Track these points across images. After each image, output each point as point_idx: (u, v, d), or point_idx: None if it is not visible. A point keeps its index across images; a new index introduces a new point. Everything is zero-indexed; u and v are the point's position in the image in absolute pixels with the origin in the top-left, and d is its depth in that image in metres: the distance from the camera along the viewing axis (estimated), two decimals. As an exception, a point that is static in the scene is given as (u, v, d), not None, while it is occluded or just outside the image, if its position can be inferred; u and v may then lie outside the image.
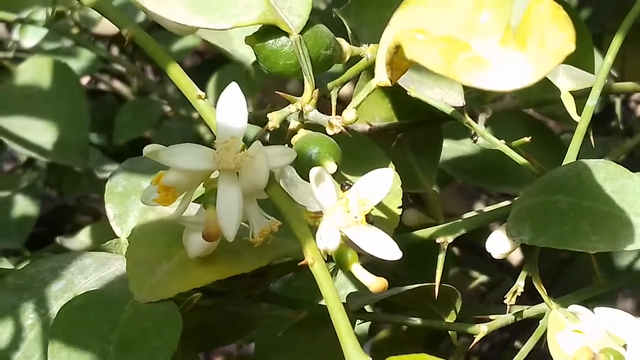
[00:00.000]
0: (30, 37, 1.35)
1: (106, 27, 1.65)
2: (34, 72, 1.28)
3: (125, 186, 0.75)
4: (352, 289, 0.87)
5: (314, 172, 0.59)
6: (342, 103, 0.68)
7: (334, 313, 0.57)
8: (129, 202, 0.74)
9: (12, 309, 0.67)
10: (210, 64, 1.45)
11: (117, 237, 0.74)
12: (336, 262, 0.59)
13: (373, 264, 0.92)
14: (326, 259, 0.60)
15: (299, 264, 0.59)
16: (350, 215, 0.58)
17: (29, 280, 0.69)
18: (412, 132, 0.89)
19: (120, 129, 1.36)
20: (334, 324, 0.57)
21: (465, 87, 0.92)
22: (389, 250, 0.59)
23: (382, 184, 0.60)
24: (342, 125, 0.64)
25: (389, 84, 0.62)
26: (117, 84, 1.60)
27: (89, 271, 0.70)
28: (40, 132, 1.24)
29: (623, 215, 0.66)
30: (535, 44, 0.53)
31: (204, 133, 1.36)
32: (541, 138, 0.99)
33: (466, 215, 0.85)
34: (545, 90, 0.87)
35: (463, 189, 1.70)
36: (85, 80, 1.66)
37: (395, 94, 0.84)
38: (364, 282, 0.59)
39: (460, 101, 0.82)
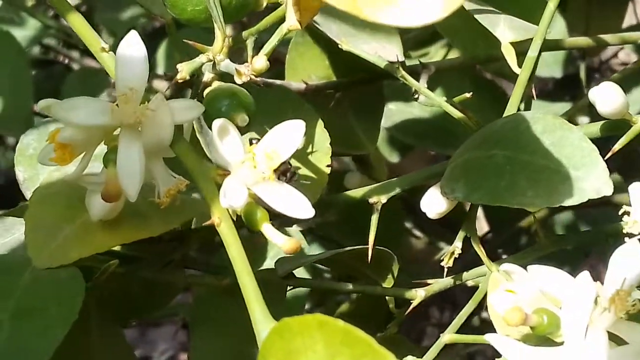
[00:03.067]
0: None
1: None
2: (-26, 42, 1.24)
3: (37, 148, 0.71)
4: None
5: (216, 124, 0.55)
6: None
7: (241, 277, 0.54)
8: (40, 164, 0.70)
9: None
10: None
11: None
12: (245, 221, 0.56)
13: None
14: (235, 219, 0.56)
15: (203, 224, 0.55)
16: (258, 171, 0.54)
17: None
18: (352, 91, 0.86)
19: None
20: (241, 289, 0.53)
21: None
22: (300, 208, 0.55)
23: (292, 137, 0.56)
24: (253, 75, 0.60)
25: (299, 27, 0.58)
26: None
27: (-9, 237, 0.66)
28: (-18, 104, 1.20)
29: (562, 169, 0.63)
30: (445, -23, 0.49)
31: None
32: (491, 98, 0.96)
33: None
34: (491, 46, 0.83)
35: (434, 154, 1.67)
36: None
37: (333, 51, 0.81)
38: (275, 242, 0.55)
39: (398, 55, 0.78)
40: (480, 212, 1.42)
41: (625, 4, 1.38)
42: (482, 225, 1.43)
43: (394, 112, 0.99)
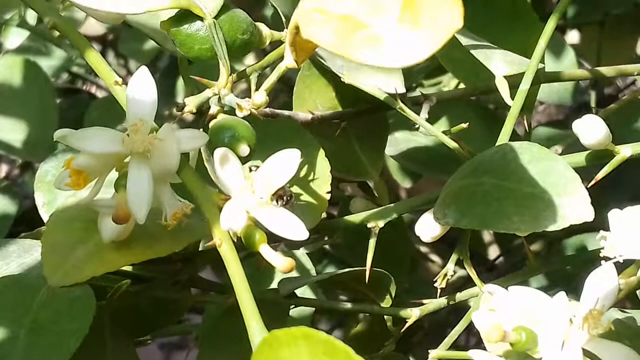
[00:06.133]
0: (14, 37, 1.36)
1: (93, 28, 1.66)
2: (4, 72, 1.29)
3: (55, 175, 0.75)
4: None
5: (218, 152, 0.59)
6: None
7: (240, 293, 0.58)
8: (58, 190, 0.74)
9: None
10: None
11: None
12: (244, 242, 0.60)
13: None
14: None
15: (206, 244, 0.59)
16: (256, 196, 0.59)
17: (-50, 267, 0.69)
18: (357, 121, 0.89)
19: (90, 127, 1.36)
20: (239, 304, 0.58)
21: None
22: (294, 230, 0.59)
23: (288, 165, 0.60)
24: (253, 108, 0.65)
25: (296, 66, 0.62)
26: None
27: (11, 257, 0.71)
28: (9, 130, 1.25)
29: (546, 196, 0.66)
30: (427, 21, 0.53)
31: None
32: (493, 127, 0.99)
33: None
34: (491, 78, 0.87)
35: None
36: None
37: (338, 83, 0.84)
38: (272, 263, 0.59)
39: (398, 88, 0.82)
40: (492, 238, 1.46)
41: (638, 34, 1.41)
42: (494, 250, 1.47)
43: (400, 141, 1.03)
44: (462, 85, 1.20)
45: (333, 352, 0.48)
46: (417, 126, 0.82)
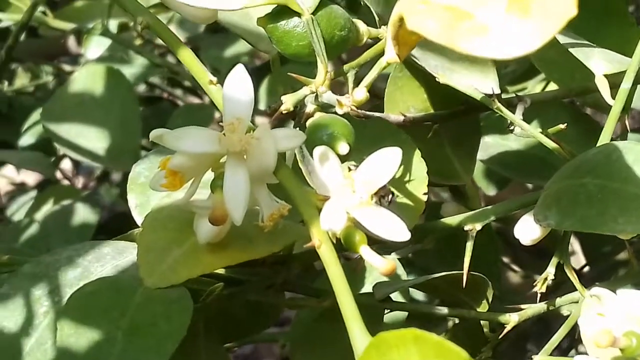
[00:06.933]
0: (94, 47, 1.37)
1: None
2: (87, 80, 1.30)
3: (148, 176, 0.74)
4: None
5: (317, 151, 0.57)
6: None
7: (340, 295, 0.56)
8: (150, 191, 0.73)
9: (26, 296, 0.67)
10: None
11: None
12: (344, 243, 0.58)
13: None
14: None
15: (304, 246, 0.58)
16: (356, 196, 0.57)
17: (45, 269, 0.69)
18: (449, 123, 0.87)
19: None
20: (340, 307, 0.56)
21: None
22: (396, 231, 0.57)
23: (389, 164, 0.58)
24: (354, 105, 0.63)
25: (398, 60, 0.61)
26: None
27: (105, 259, 0.70)
28: (93, 139, 1.25)
29: (653, 197, 0.64)
30: (538, 9, 0.51)
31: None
32: (588, 130, 0.97)
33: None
34: (587, 79, 0.85)
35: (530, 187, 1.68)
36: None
37: (430, 84, 0.83)
38: (373, 264, 0.57)
39: (494, 89, 0.80)
40: (577, 246, 1.42)
41: None
42: (579, 259, 1.44)
43: (490, 145, 1.01)
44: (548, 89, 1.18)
45: (446, 354, 0.46)
46: (510, 128, 0.80)
